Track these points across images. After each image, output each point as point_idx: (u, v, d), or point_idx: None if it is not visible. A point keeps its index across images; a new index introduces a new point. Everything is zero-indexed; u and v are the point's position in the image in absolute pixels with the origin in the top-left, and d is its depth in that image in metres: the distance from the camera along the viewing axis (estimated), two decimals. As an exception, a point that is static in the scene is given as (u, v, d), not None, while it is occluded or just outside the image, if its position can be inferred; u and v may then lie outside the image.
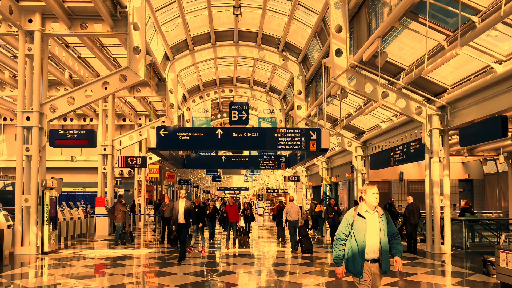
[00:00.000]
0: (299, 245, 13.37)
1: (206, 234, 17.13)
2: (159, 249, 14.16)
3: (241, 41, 20.23)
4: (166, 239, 15.56)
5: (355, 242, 4.55)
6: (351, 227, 4.61)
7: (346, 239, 4.66)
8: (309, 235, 13.71)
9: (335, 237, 4.73)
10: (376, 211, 4.64)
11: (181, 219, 11.33)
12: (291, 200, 14.15)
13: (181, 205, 11.32)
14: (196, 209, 13.91)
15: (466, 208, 15.08)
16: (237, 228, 14.79)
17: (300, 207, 15.02)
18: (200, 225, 13.96)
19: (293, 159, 21.26)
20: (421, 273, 9.81)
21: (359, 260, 4.52)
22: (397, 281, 8.98)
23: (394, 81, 13.11)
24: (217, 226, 22.01)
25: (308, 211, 23.31)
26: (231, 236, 14.93)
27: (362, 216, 4.59)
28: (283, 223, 13.80)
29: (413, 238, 13.24)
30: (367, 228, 4.53)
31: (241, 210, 18.67)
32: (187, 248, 12.95)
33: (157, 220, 21.56)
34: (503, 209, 20.83)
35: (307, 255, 12.80)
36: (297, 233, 13.67)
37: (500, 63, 10.03)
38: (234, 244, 14.58)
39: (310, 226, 20.42)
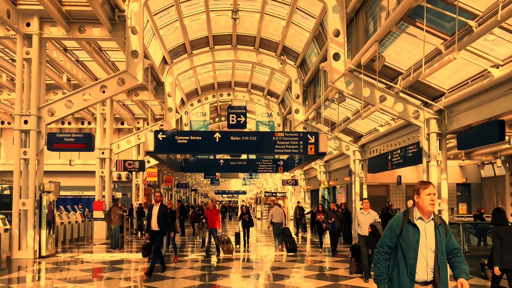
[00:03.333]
0: (284, 245, 14.51)
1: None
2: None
3: (239, 45, 20.26)
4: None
5: (403, 258, 3.53)
6: (399, 238, 3.57)
7: (391, 252, 3.64)
8: (293, 236, 14.95)
9: (376, 249, 3.73)
10: (432, 219, 3.59)
11: (155, 226, 10.10)
12: (276, 204, 15.70)
13: (156, 210, 10.15)
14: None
15: (478, 215, 15.18)
16: (218, 235, 13.50)
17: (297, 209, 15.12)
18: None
19: (291, 163, 21.26)
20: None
21: (407, 282, 3.51)
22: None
23: (392, 85, 13.15)
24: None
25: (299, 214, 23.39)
26: (215, 243, 13.75)
27: (414, 225, 3.55)
28: (268, 224, 15.24)
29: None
30: (419, 240, 3.51)
31: (239, 215, 18.60)
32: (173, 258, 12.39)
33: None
34: (501, 212, 20.82)
35: (292, 253, 14.10)
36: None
37: (497, 67, 10.07)
38: (218, 252, 13.55)
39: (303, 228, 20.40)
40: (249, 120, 28.34)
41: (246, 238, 16.12)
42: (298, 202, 27.15)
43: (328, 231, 14.18)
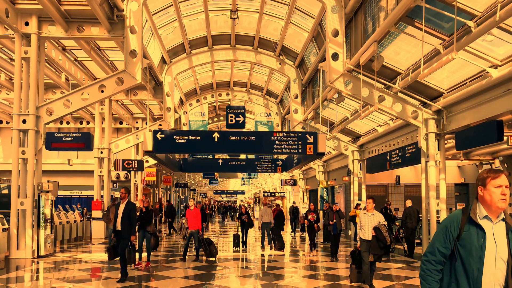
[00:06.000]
0: (273, 243, 15.35)
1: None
2: (155, 253, 14.11)
3: (238, 45, 20.25)
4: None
5: (463, 270, 2.66)
6: (456, 243, 2.69)
7: (445, 262, 2.74)
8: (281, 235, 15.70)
9: (424, 257, 2.82)
10: (503, 219, 2.69)
11: (119, 226, 8.99)
12: (265, 204, 16.50)
13: (121, 208, 9.09)
14: (143, 214, 11.47)
15: None
16: (200, 237, 12.48)
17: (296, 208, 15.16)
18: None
19: (289, 163, 21.27)
20: (418, 277, 9.80)
21: None
22: (394, 285, 8.99)
23: (391, 85, 13.16)
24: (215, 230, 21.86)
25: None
26: (206, 247, 12.68)
27: (478, 225, 2.65)
28: (258, 224, 15.84)
29: (410, 241, 13.30)
30: (486, 246, 2.61)
31: (237, 215, 18.59)
32: (136, 263, 11.06)
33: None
34: (499, 213, 20.85)
35: (281, 251, 14.70)
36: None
37: (496, 68, 10.09)
38: (197, 257, 12.53)
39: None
40: (248, 120, 28.35)
41: (244, 240, 15.96)
42: (294, 203, 27.17)
43: (330, 232, 13.34)
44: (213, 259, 12.60)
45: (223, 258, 13.14)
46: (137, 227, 10.93)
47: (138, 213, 11.21)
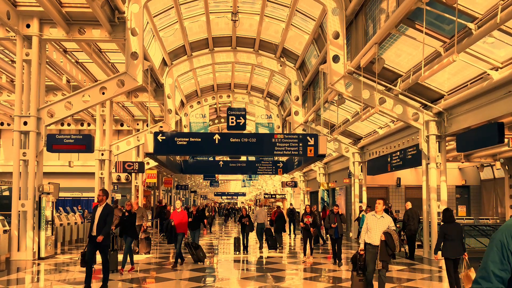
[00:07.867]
0: (266, 243, 15.73)
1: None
2: (155, 254, 14.11)
3: (238, 47, 20.28)
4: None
5: None
6: None
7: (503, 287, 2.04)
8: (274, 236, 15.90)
9: (474, 286, 2.07)
10: None
11: (95, 231, 8.24)
12: (260, 206, 16.68)
13: (99, 212, 8.33)
14: (126, 218, 10.87)
15: None
16: (185, 241, 11.96)
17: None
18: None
19: (290, 165, 21.27)
20: (419, 279, 9.80)
21: None
22: (395, 286, 8.98)
23: (391, 87, 13.17)
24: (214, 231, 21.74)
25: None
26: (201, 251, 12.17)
27: None
28: (255, 224, 15.70)
29: (411, 243, 13.29)
30: None
31: (238, 218, 18.48)
32: (119, 268, 10.47)
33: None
34: (500, 215, 20.87)
35: (273, 250, 15.29)
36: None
37: (496, 70, 10.10)
38: (175, 263, 11.53)
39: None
40: (249, 122, 28.33)
41: (245, 244, 15.35)
42: (291, 205, 27.23)
43: (330, 237, 12.45)
44: (201, 264, 11.97)
45: (223, 260, 13.11)
46: (119, 232, 10.97)
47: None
